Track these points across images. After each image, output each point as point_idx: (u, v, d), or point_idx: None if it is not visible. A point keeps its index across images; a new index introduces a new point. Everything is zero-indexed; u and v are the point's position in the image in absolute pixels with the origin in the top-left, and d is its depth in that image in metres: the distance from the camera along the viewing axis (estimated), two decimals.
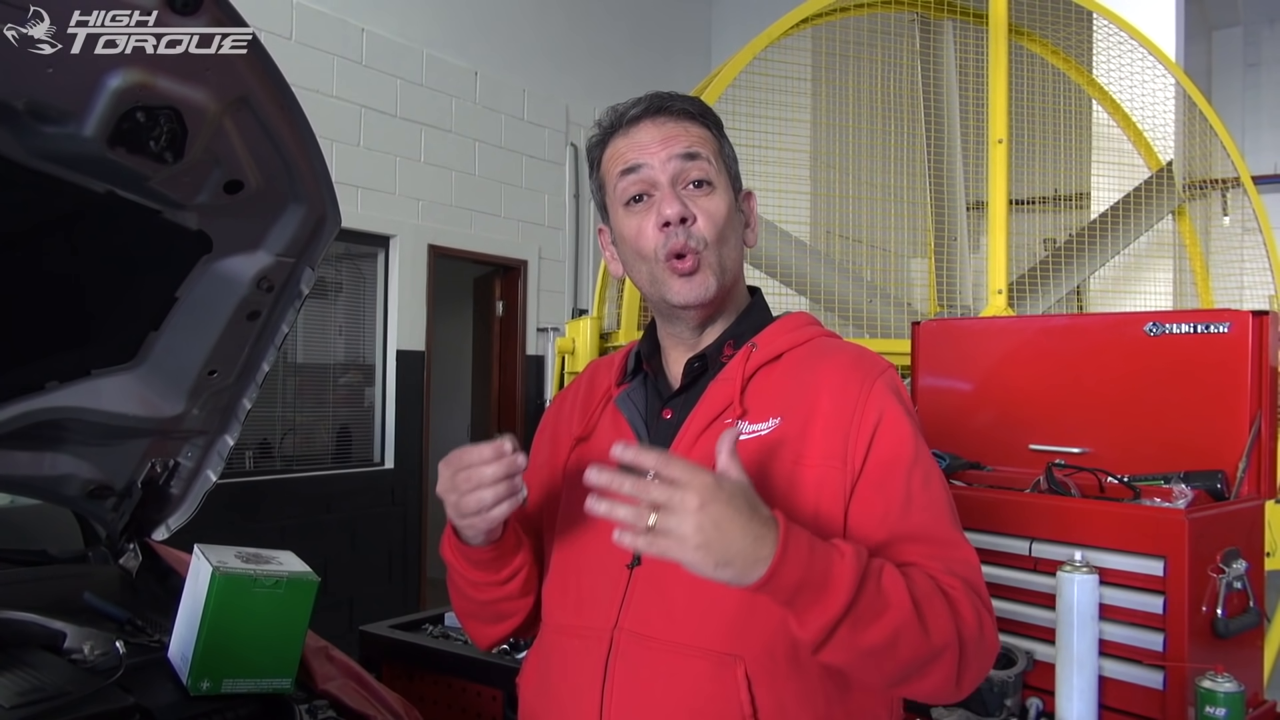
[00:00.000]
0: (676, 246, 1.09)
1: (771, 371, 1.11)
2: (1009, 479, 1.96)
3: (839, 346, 1.14)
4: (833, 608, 0.88)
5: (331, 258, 5.06)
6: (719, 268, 1.11)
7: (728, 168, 1.16)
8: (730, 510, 0.86)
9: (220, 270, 1.68)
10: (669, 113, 1.13)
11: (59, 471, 1.86)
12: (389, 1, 5.21)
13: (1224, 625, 1.63)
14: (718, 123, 1.17)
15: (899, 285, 3.66)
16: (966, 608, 0.96)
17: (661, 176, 1.10)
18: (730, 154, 1.18)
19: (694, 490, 0.85)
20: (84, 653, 1.58)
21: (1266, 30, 8.22)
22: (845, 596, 0.89)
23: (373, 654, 2.32)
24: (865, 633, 0.90)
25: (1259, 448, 1.81)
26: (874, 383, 1.06)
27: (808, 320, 1.18)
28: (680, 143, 1.11)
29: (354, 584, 4.89)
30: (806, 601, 0.89)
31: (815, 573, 0.89)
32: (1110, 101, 3.96)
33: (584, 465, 1.14)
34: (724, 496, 0.86)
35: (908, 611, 0.92)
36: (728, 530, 0.85)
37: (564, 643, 1.11)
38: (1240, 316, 1.84)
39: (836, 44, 3.46)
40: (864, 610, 0.90)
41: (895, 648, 0.92)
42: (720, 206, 1.11)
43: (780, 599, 0.89)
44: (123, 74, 1.29)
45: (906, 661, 0.93)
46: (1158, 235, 3.94)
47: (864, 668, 0.94)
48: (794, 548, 0.88)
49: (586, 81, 6.49)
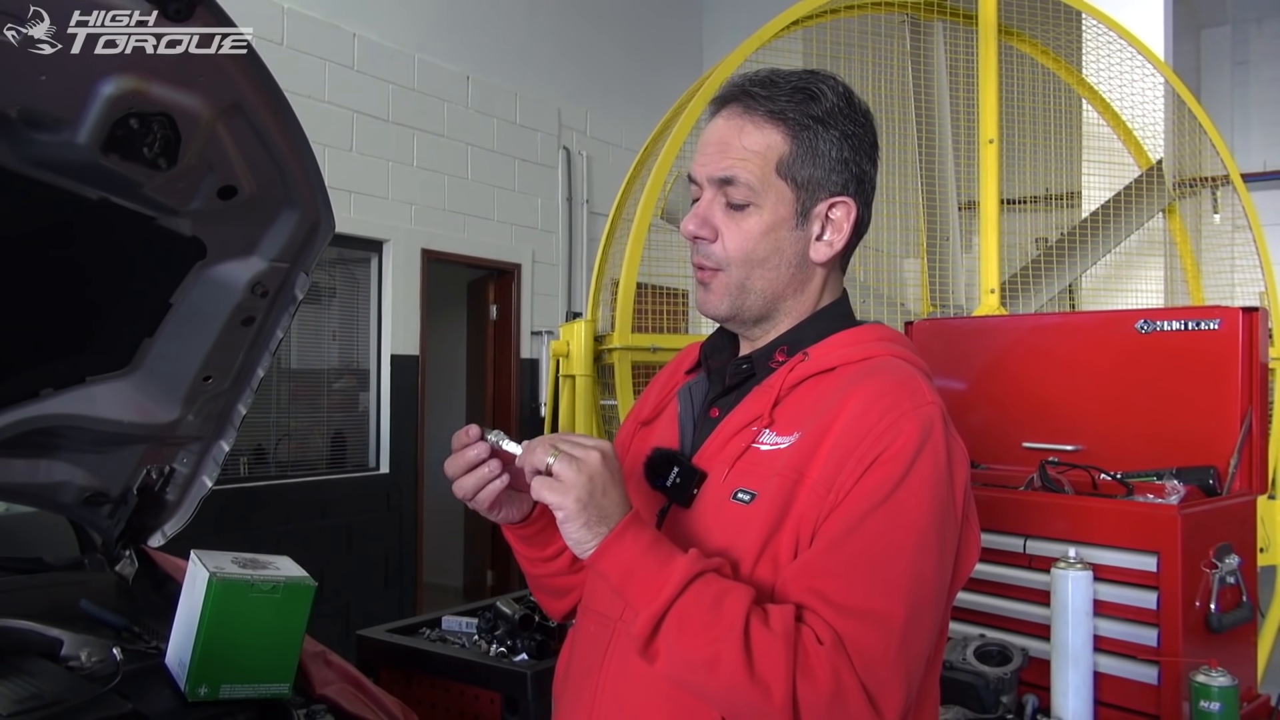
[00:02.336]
0: (695, 260, 1.10)
1: (818, 384, 1.04)
2: (1003, 477, 1.97)
3: (892, 369, 1.03)
4: (660, 596, 0.91)
5: (325, 263, 5.06)
6: (737, 289, 1.07)
7: (797, 176, 1.05)
8: (614, 481, 0.95)
9: (214, 276, 1.68)
10: (741, 105, 1.05)
11: (54, 479, 1.86)
12: (380, 6, 5.21)
13: (1217, 620, 1.64)
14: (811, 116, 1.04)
15: (892, 285, 3.66)
16: (822, 665, 0.88)
17: (706, 191, 1.07)
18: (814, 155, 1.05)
19: (596, 448, 0.95)
20: (81, 660, 1.58)
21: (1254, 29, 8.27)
22: (673, 588, 0.91)
23: (370, 658, 2.32)
24: (691, 642, 0.90)
25: (1250, 443, 1.83)
26: (900, 415, 0.96)
27: (880, 336, 1.09)
28: (721, 163, 1.05)
29: (350, 589, 4.88)
30: (637, 588, 0.92)
31: (649, 560, 0.93)
32: (1100, 101, 3.97)
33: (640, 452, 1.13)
34: (616, 466, 0.96)
35: (736, 634, 0.88)
36: (608, 494, 0.94)
37: (585, 624, 1.13)
38: (1230, 313, 1.85)
39: (828, 45, 3.47)
40: (691, 614, 0.90)
41: (716, 668, 0.89)
42: (756, 228, 1.05)
43: (613, 581, 0.94)
44: (116, 81, 1.30)
45: (729, 689, 0.89)
46: (1148, 233, 3.95)
47: (695, 687, 0.93)
48: (634, 532, 0.94)
49: (579, 84, 6.50)
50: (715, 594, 0.91)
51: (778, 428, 1.04)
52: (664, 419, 1.18)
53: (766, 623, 0.90)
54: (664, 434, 1.15)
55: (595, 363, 3.24)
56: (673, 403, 1.18)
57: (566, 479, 0.93)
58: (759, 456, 1.03)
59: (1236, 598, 1.71)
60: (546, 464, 0.94)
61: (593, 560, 0.94)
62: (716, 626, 0.89)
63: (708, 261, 1.08)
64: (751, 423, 1.05)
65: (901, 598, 0.92)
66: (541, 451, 0.95)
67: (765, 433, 1.04)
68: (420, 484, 5.43)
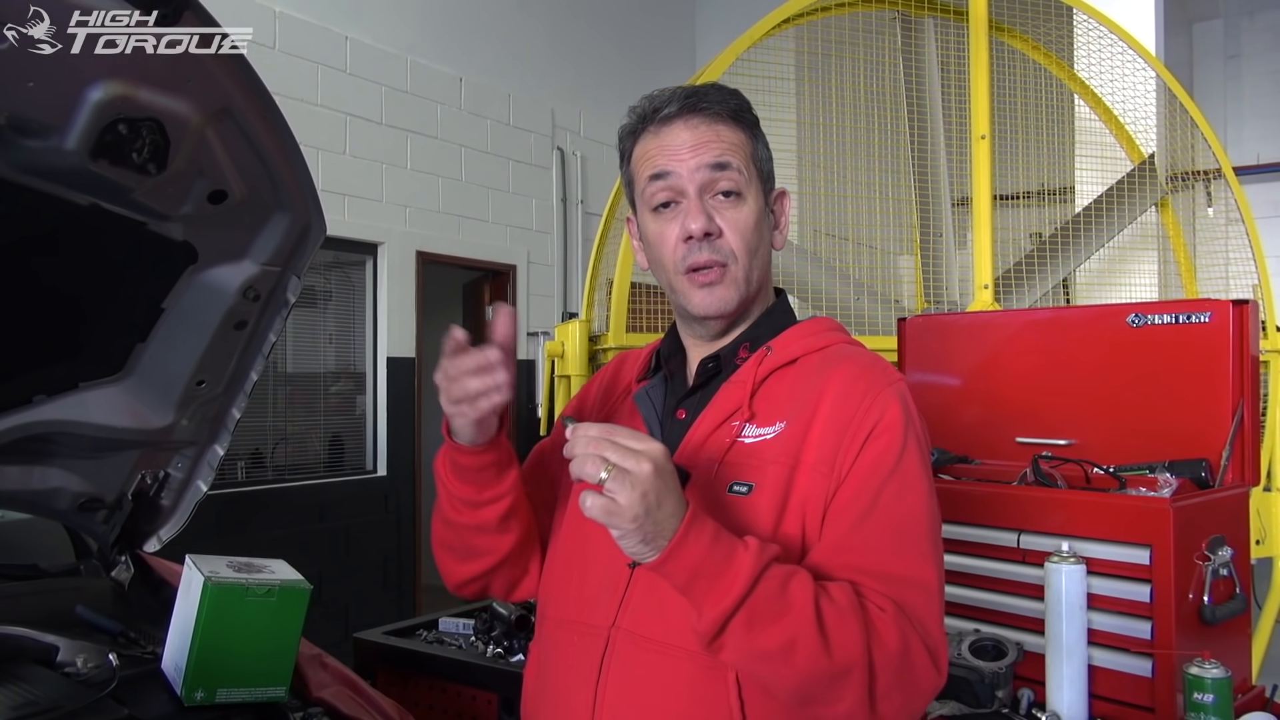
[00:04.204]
0: (698, 261, 1.08)
1: (785, 375, 1.09)
2: (996, 472, 1.97)
3: (855, 354, 1.10)
4: (727, 598, 0.89)
5: (320, 266, 5.06)
6: (744, 280, 1.09)
7: (760, 170, 1.12)
8: (668, 489, 0.90)
9: (206, 280, 1.68)
10: (703, 113, 1.09)
11: (49, 485, 1.86)
12: (372, 9, 5.21)
13: (1211, 612, 1.65)
14: (755, 121, 1.13)
15: (886, 282, 3.67)
16: (890, 631, 0.93)
17: (689, 185, 1.08)
18: (764, 154, 1.14)
19: (648, 457, 0.88)
20: (77, 666, 1.58)
21: (1246, 22, 8.28)
22: (741, 587, 0.89)
23: (367, 660, 2.32)
24: (762, 634, 0.90)
25: (1242, 435, 1.83)
26: (880, 391, 1.03)
27: (829, 326, 1.16)
28: (711, 150, 1.07)
29: (348, 592, 4.88)
30: (703, 590, 0.90)
31: (713, 560, 0.90)
32: (1092, 95, 3.98)
33: None
34: (670, 470, 0.91)
35: (808, 620, 0.90)
36: (663, 505, 0.89)
37: (563, 638, 1.11)
38: (1221, 306, 1.85)
39: (819, 43, 3.48)
40: (761, 608, 0.90)
41: (792, 655, 0.90)
42: (749, 217, 1.09)
43: (677, 584, 0.91)
44: (104, 86, 1.30)
45: (805, 673, 0.91)
46: (1142, 228, 3.96)
47: (764, 674, 0.94)
48: (695, 533, 0.90)
49: (572, 85, 6.50)
50: (780, 583, 0.91)
51: (759, 420, 1.06)
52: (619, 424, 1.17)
53: (833, 600, 0.93)
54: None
55: (590, 363, 3.25)
56: (624, 408, 1.19)
57: (621, 499, 0.87)
58: (747, 449, 1.05)
59: (1230, 590, 1.72)
60: (600, 479, 0.88)
61: (654, 567, 0.91)
62: (787, 615, 0.90)
63: (718, 257, 1.08)
64: (730, 417, 1.07)
65: (930, 560, 1.00)
66: (593, 465, 0.88)
67: (747, 426, 1.06)
68: (418, 486, 5.42)
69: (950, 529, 1.89)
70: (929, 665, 0.95)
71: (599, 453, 0.88)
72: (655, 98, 1.11)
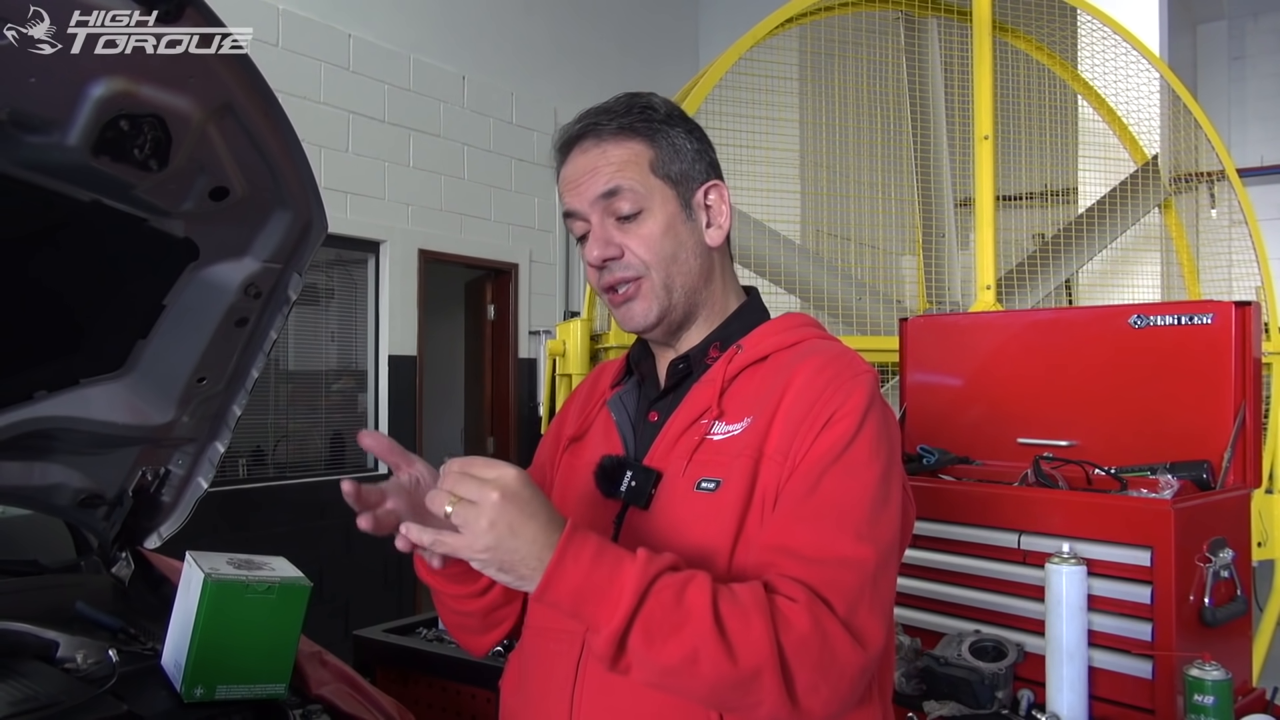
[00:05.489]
0: (608, 282, 1.09)
1: (755, 372, 1.09)
2: (997, 473, 1.97)
3: (825, 347, 1.09)
4: (616, 614, 0.86)
5: (322, 264, 5.06)
6: (663, 289, 1.09)
7: (670, 174, 1.09)
8: (525, 515, 0.87)
9: (207, 277, 1.68)
10: (592, 135, 1.08)
11: (49, 481, 1.86)
12: (375, 7, 5.21)
13: (1211, 614, 1.64)
14: (655, 122, 1.10)
15: (889, 283, 3.67)
16: (802, 618, 0.89)
17: (592, 216, 1.08)
18: (676, 152, 1.10)
19: (495, 485, 0.86)
20: (77, 662, 1.58)
21: (1250, 24, 8.27)
22: (629, 602, 0.86)
23: (367, 658, 2.32)
24: (663, 648, 0.87)
25: (1244, 437, 1.83)
26: (844, 381, 1.01)
27: (802, 322, 1.15)
28: (599, 179, 1.07)
29: (349, 589, 4.88)
30: (590, 610, 0.87)
31: (596, 579, 0.87)
32: (1095, 96, 3.97)
33: (573, 467, 1.16)
34: (527, 494, 0.87)
35: (707, 627, 0.87)
36: (520, 532, 0.86)
37: (541, 644, 1.10)
38: (1223, 307, 1.85)
39: (822, 43, 3.47)
40: (657, 621, 0.87)
41: (696, 666, 0.87)
42: (654, 229, 1.08)
43: (565, 608, 0.88)
44: (106, 83, 1.30)
45: (712, 682, 0.88)
46: (1145, 229, 3.96)
47: (675, 688, 0.91)
48: (573, 554, 0.87)
49: (574, 84, 6.50)
50: (674, 592, 0.88)
51: (727, 417, 1.06)
52: (595, 431, 1.18)
53: (735, 599, 0.89)
54: (600, 444, 1.15)
55: (592, 362, 3.25)
56: (600, 415, 1.19)
57: (469, 529, 0.86)
58: (715, 446, 1.04)
59: (1230, 592, 1.71)
60: (445, 513, 0.86)
61: (537, 595, 0.88)
62: (686, 625, 0.87)
63: (626, 273, 1.08)
64: (700, 416, 1.07)
65: (870, 541, 0.95)
66: (440, 499, 0.87)
67: (716, 424, 1.06)
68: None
69: (950, 529, 1.89)
70: (849, 645, 0.90)
71: (448, 487, 0.87)
72: (560, 131, 1.12)
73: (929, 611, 1.92)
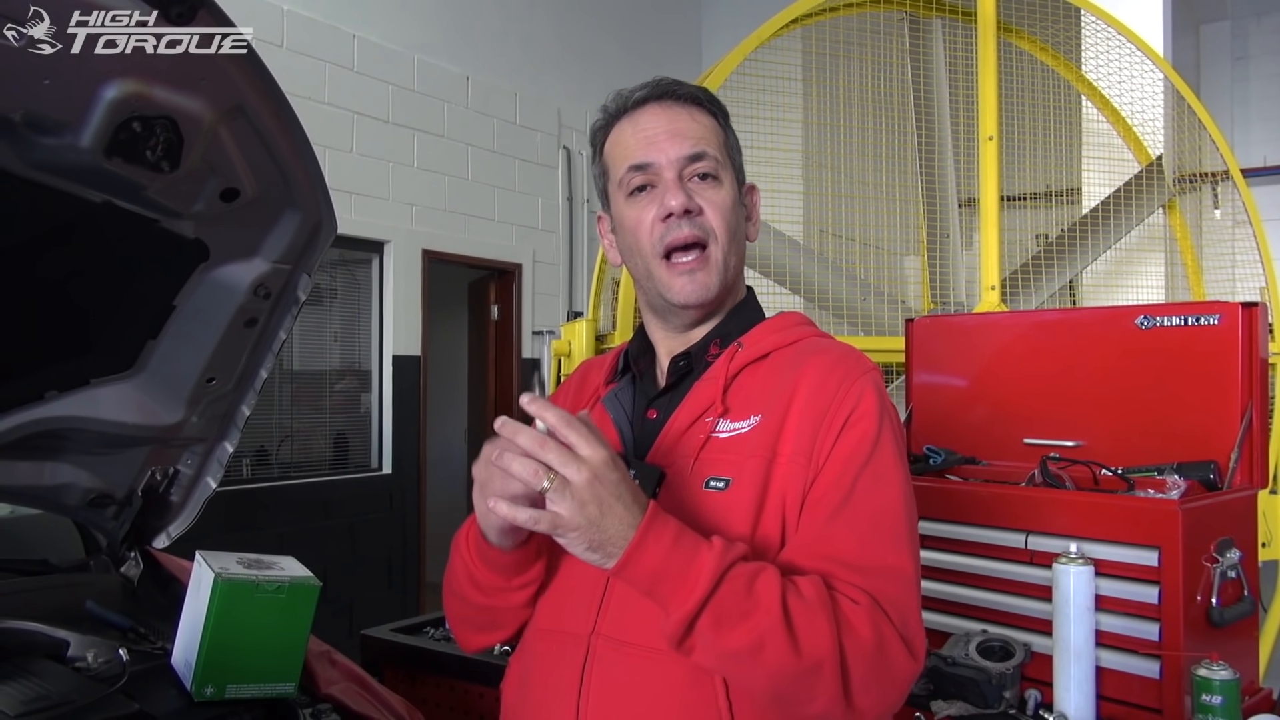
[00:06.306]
0: (678, 238, 1.07)
1: (757, 370, 1.09)
2: (1004, 473, 1.97)
3: (827, 346, 1.11)
4: (692, 598, 0.88)
5: (326, 264, 5.06)
6: (723, 264, 1.10)
7: (732, 160, 1.13)
8: (613, 496, 0.88)
9: (217, 278, 1.69)
10: (676, 98, 1.10)
11: (59, 481, 1.87)
12: (380, 8, 5.22)
13: (1219, 614, 1.65)
14: (724, 112, 1.14)
15: (893, 283, 3.67)
16: (864, 623, 0.92)
17: (668, 171, 1.08)
18: (735, 145, 1.15)
19: (588, 466, 0.87)
20: (88, 661, 1.59)
21: (1254, 24, 8.26)
22: (705, 587, 0.88)
23: (374, 658, 2.33)
24: (730, 633, 0.89)
25: (1250, 438, 1.83)
26: (854, 380, 1.03)
27: (799, 320, 1.16)
28: (687, 140, 1.08)
29: (353, 589, 4.89)
30: (666, 591, 0.90)
31: (675, 562, 0.89)
32: (1100, 97, 3.97)
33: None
34: (615, 477, 0.89)
35: (776, 618, 0.89)
36: (608, 513, 0.88)
37: (544, 647, 1.09)
38: (1230, 308, 1.85)
39: (826, 44, 3.48)
40: (728, 607, 0.89)
41: (760, 654, 0.89)
42: (727, 199, 1.10)
43: (641, 587, 0.90)
44: (118, 84, 1.30)
45: (774, 672, 0.90)
46: (1149, 229, 3.95)
47: (736, 675, 0.93)
48: (655, 536, 0.89)
49: (578, 84, 6.51)
50: (746, 581, 0.90)
51: (732, 414, 1.06)
52: None
53: (801, 596, 0.91)
54: None
55: None
56: (594, 413, 1.17)
57: (563, 510, 0.87)
58: (722, 444, 1.05)
59: (1238, 592, 1.71)
60: (541, 489, 0.87)
61: (616, 571, 0.90)
62: (754, 614, 0.89)
63: (698, 232, 1.08)
64: (704, 414, 1.07)
65: (907, 548, 0.99)
66: (530, 469, 0.87)
67: (721, 421, 1.06)
68: (422, 484, 5.44)
69: (958, 529, 1.89)
70: (904, 654, 0.94)
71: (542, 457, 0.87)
72: (623, 92, 1.12)
73: (936, 611, 1.92)
